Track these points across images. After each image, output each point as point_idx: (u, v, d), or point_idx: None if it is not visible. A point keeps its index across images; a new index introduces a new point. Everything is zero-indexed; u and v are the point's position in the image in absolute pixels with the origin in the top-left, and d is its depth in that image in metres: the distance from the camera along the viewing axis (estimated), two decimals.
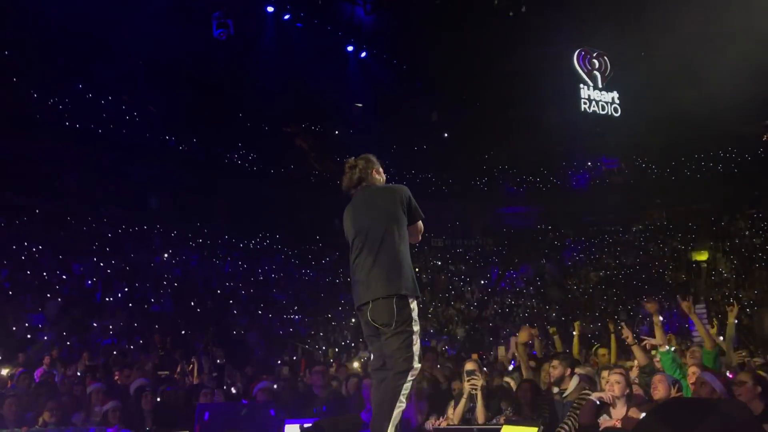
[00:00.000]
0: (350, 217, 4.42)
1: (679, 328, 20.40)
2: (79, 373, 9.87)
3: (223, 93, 23.22)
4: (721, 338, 8.05)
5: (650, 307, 7.32)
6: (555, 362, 6.04)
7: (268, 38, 21.68)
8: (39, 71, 19.43)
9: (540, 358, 7.91)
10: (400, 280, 4.11)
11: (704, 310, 20.94)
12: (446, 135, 29.41)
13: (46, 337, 13.15)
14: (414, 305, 4.14)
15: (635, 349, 6.72)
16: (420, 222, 4.46)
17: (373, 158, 4.67)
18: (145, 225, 20.56)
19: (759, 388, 5.01)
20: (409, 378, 4.04)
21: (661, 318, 6.97)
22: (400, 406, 4.03)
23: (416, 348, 4.09)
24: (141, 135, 21.56)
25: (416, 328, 4.11)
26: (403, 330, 4.08)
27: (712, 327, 9.52)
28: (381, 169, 4.65)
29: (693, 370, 6.06)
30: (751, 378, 5.10)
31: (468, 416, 6.02)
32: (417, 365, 4.08)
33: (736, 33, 22.27)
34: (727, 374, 6.32)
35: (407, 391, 4.04)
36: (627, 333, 6.86)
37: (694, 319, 7.18)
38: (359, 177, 4.53)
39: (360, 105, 26.19)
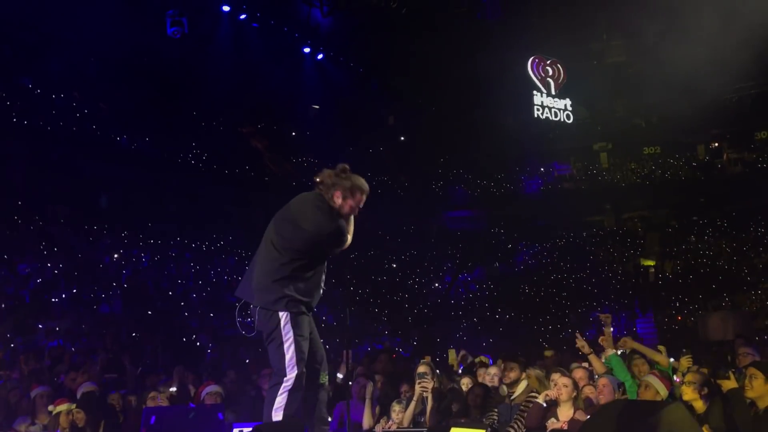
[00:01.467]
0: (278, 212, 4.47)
1: (627, 331, 20.87)
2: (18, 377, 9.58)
3: (177, 91, 22.87)
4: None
5: (604, 318, 7.51)
6: (512, 365, 6.09)
7: (223, 37, 21.48)
8: None
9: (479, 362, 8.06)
10: (269, 294, 4.21)
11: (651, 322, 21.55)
12: (402, 138, 29.55)
13: None
14: (285, 318, 4.17)
15: (592, 358, 6.83)
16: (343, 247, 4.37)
17: (351, 184, 4.35)
18: (94, 224, 20.09)
19: (705, 389, 5.18)
20: (283, 391, 4.10)
21: (611, 329, 7.12)
22: (278, 419, 4.07)
23: (289, 358, 4.14)
24: (91, 132, 21.07)
25: (288, 339, 4.15)
26: (273, 338, 4.20)
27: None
28: (348, 200, 4.32)
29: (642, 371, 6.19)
30: (699, 379, 5.26)
31: (419, 419, 6.05)
32: (291, 375, 4.12)
33: (685, 41, 22.88)
34: (674, 378, 6.47)
35: (284, 405, 4.08)
36: (582, 343, 6.97)
37: (641, 348, 7.27)
38: (324, 183, 4.36)
39: (317, 107, 26.14)
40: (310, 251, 4.24)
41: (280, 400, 4.09)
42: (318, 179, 4.40)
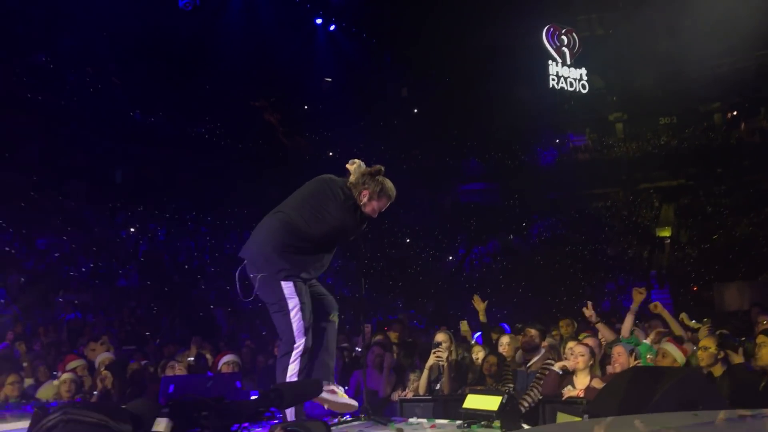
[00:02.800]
0: (304, 185, 4.47)
1: (642, 302, 20.77)
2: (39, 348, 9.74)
3: (189, 66, 22.83)
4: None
5: (638, 296, 7.23)
6: (532, 332, 6.07)
7: (235, 10, 21.35)
8: None
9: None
10: (270, 264, 4.20)
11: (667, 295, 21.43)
12: (416, 111, 29.36)
13: (8, 312, 12.91)
14: (288, 288, 4.17)
15: (600, 327, 6.81)
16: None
17: (380, 188, 4.33)
18: (110, 199, 20.23)
19: (722, 353, 5.16)
20: (295, 358, 4.14)
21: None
22: (293, 378, 4.13)
23: (296, 326, 4.15)
24: (105, 108, 21.13)
25: (294, 307, 4.15)
26: (278, 308, 4.20)
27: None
28: (373, 202, 4.31)
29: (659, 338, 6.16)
30: (714, 343, 5.24)
31: (434, 387, 6.08)
32: (300, 342, 4.15)
33: (703, 8, 22.49)
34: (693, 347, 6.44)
35: (297, 372, 4.13)
36: (590, 312, 6.93)
37: (666, 315, 7.20)
38: (356, 177, 4.34)
39: (329, 79, 25.99)
40: (325, 239, 4.25)
41: (293, 367, 4.12)
42: (349, 169, 4.38)
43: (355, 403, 4.31)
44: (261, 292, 4.27)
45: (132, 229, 19.37)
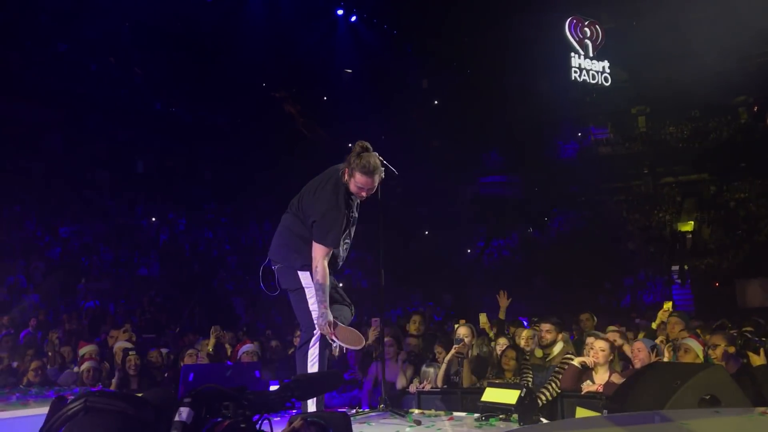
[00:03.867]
0: (311, 181, 4.49)
1: (662, 297, 20.61)
2: (62, 335, 9.85)
3: (210, 57, 22.90)
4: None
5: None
6: (548, 326, 6.03)
7: (256, 1, 21.35)
8: (21, 30, 19.04)
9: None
10: (292, 253, 4.29)
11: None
12: (436, 102, 29.23)
13: (31, 300, 13.10)
14: (307, 278, 4.22)
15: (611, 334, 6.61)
16: (318, 245, 4.19)
17: (357, 163, 4.26)
18: (131, 189, 20.40)
19: (732, 349, 5.09)
20: (314, 344, 4.20)
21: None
22: (314, 364, 4.20)
23: (313, 310, 4.19)
24: (127, 98, 21.29)
25: (313, 297, 4.19)
26: (299, 298, 4.28)
27: None
28: (352, 180, 4.28)
29: (681, 335, 6.08)
30: (724, 340, 5.18)
31: (454, 379, 6.08)
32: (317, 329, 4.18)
33: (726, 5, 22.13)
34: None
35: (318, 358, 4.19)
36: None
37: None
38: (347, 160, 4.34)
39: (349, 71, 25.94)
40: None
41: (313, 351, 4.17)
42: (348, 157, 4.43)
43: (360, 336, 4.32)
44: (282, 281, 4.38)
45: (153, 219, 19.53)
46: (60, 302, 13.47)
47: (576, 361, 5.56)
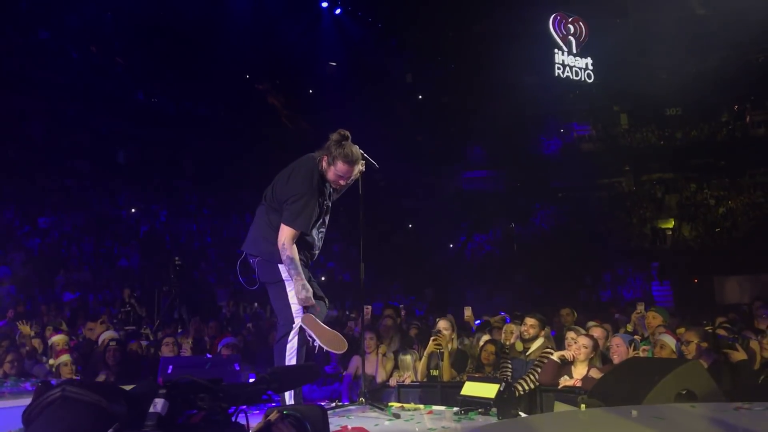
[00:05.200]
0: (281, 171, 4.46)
1: (642, 293, 20.82)
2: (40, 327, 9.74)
3: (193, 47, 22.70)
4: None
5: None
6: (532, 321, 6.04)
7: None
8: (2, 17, 18.77)
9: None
10: (268, 246, 4.22)
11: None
12: (420, 97, 29.24)
13: (8, 290, 12.95)
14: (285, 271, 4.18)
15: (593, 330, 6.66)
16: (285, 227, 4.17)
17: (337, 152, 4.24)
18: (112, 179, 20.22)
19: (705, 344, 5.15)
20: (292, 337, 4.17)
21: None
22: (292, 358, 4.17)
23: (295, 308, 4.18)
24: (109, 87, 21.07)
25: (291, 289, 4.17)
26: (277, 290, 4.24)
27: None
28: (331, 168, 4.27)
29: (658, 330, 6.14)
30: (696, 336, 5.23)
31: (434, 373, 6.09)
32: (298, 322, 4.17)
33: (709, 5, 22.32)
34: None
35: (296, 351, 4.17)
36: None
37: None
38: (326, 146, 4.32)
39: (334, 63, 25.86)
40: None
41: (291, 346, 4.15)
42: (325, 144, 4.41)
43: (343, 339, 4.26)
44: (261, 274, 4.32)
45: (134, 210, 19.37)
46: (38, 293, 13.33)
47: (555, 356, 5.59)
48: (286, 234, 4.14)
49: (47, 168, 18.87)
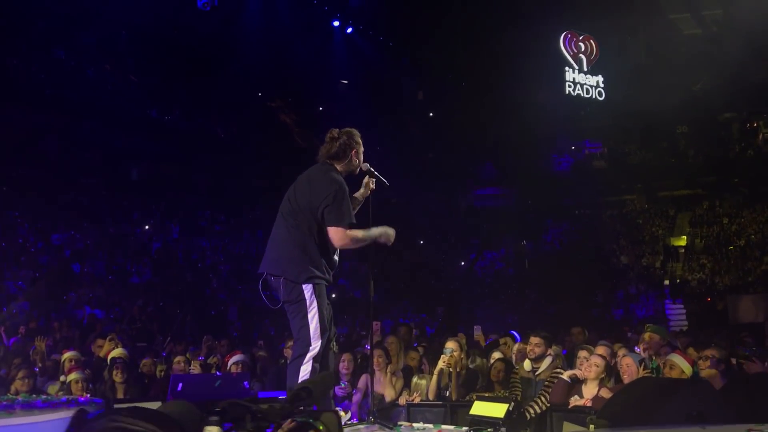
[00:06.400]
0: (291, 186, 4.51)
1: (655, 312, 20.68)
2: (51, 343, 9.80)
3: (206, 65, 22.90)
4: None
5: None
6: (537, 340, 6.03)
7: (253, 10, 21.38)
8: (19, 35, 19.03)
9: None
10: (292, 266, 4.22)
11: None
12: (431, 114, 29.31)
13: (20, 307, 13.03)
14: (308, 290, 4.20)
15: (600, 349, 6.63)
16: (334, 227, 4.23)
17: (356, 136, 4.56)
18: (125, 196, 20.37)
19: (722, 366, 5.12)
20: (308, 360, 4.16)
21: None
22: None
23: (313, 329, 4.18)
24: (122, 104, 21.27)
25: (312, 310, 4.18)
26: (297, 310, 4.23)
27: None
28: (361, 151, 4.52)
29: (665, 350, 6.10)
30: (713, 356, 5.20)
31: (444, 392, 6.08)
32: (316, 345, 4.17)
33: (722, 19, 22.31)
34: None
35: (309, 374, 4.13)
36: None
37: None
38: (335, 152, 4.48)
39: (345, 81, 25.98)
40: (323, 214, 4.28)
41: (305, 368, 4.14)
42: (334, 142, 4.55)
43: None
44: (283, 294, 4.29)
45: (146, 227, 19.49)
46: (51, 309, 13.41)
47: (565, 375, 5.57)
48: (339, 235, 4.21)
49: (61, 185, 19.04)
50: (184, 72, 22.05)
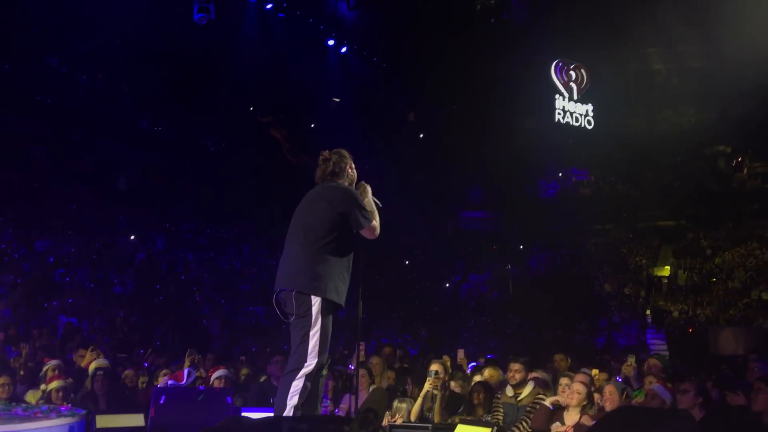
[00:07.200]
0: (298, 207, 4.60)
1: (637, 341, 20.78)
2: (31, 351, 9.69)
3: (199, 78, 22.95)
4: None
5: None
6: (517, 366, 6.07)
7: (249, 26, 21.50)
8: (12, 42, 18.99)
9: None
10: (304, 278, 4.27)
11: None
12: (421, 135, 29.48)
13: (1, 313, 12.89)
14: (317, 304, 4.23)
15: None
16: (369, 225, 4.46)
17: (346, 154, 4.74)
18: (112, 206, 20.27)
19: (700, 399, 5.17)
20: (301, 376, 4.17)
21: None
22: (293, 404, 4.14)
23: (312, 345, 4.21)
24: (113, 114, 21.24)
25: (315, 327, 4.21)
26: (301, 324, 4.25)
27: None
28: (353, 165, 4.71)
29: (649, 380, 6.16)
30: (693, 387, 5.25)
31: (427, 415, 6.08)
32: (311, 363, 4.19)
33: (712, 53, 22.69)
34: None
35: (300, 391, 4.16)
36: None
37: None
38: (331, 171, 4.64)
39: (337, 100, 26.10)
40: (338, 227, 4.37)
41: (297, 384, 4.14)
42: (327, 163, 4.71)
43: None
44: (293, 307, 4.32)
45: (132, 237, 19.38)
46: (31, 317, 13.27)
47: (548, 401, 5.59)
48: (370, 232, 4.47)
49: (48, 192, 18.92)
50: (177, 84, 22.08)
